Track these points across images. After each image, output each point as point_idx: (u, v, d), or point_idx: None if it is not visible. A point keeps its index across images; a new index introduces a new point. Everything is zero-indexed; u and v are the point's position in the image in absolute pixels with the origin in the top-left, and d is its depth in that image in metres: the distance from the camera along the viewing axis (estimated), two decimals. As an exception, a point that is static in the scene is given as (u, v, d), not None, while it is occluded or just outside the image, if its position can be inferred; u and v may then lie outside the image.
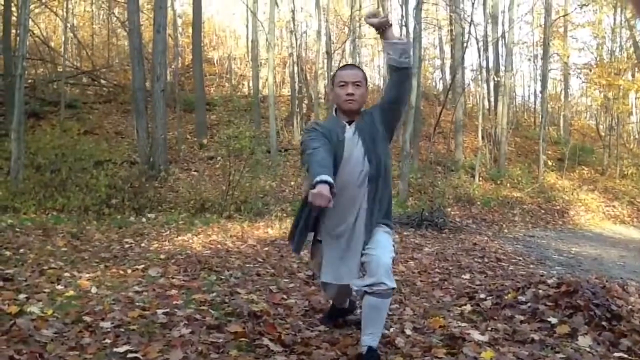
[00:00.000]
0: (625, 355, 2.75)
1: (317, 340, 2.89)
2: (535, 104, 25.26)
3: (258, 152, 10.37)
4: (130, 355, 2.52)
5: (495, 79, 17.33)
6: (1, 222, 7.43)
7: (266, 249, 6.42)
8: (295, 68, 20.07)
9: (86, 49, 21.89)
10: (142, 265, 5.03)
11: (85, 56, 22.05)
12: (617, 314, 3.18)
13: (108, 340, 2.77)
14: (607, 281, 3.62)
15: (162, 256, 5.60)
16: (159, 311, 3.37)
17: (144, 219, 8.82)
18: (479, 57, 17.40)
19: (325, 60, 16.14)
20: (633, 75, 19.28)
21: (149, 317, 3.27)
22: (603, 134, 20.67)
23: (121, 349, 2.62)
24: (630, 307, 3.27)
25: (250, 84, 21.22)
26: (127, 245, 6.24)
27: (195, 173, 12.97)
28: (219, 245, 6.48)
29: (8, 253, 5.28)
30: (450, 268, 5.59)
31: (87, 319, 3.16)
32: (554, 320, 3.22)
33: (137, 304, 3.58)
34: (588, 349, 2.86)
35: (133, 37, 12.42)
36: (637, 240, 10.66)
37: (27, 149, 11.14)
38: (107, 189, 10.29)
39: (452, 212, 11.98)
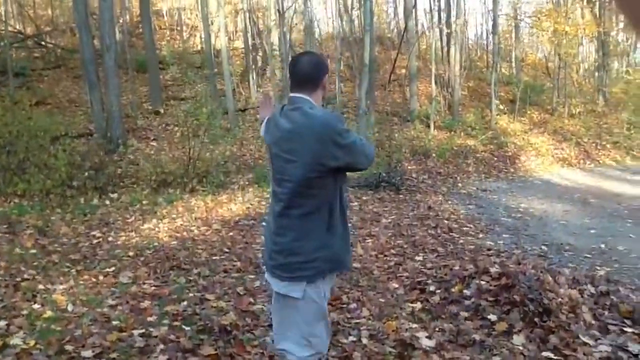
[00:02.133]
0: (552, 355, 3.17)
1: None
2: (487, 44, 25.52)
3: (216, 127, 10.42)
4: (115, 395, 2.80)
5: (446, 30, 17.45)
6: (-38, 218, 7.46)
7: (231, 234, 6.69)
8: (247, 21, 19.77)
9: (27, 10, 20.96)
10: (113, 268, 5.26)
11: (27, 17, 21.17)
12: (548, 308, 3.59)
13: (92, 376, 3.04)
14: (541, 272, 4.02)
15: (130, 253, 5.82)
16: (135, 332, 3.64)
17: (107, 201, 8.93)
18: (430, 2, 17.50)
19: (278, 18, 15.93)
20: (582, 17, 19.70)
21: (127, 339, 3.53)
22: (552, 73, 21.18)
23: (106, 387, 2.89)
24: (559, 299, 3.68)
25: (202, 36, 20.80)
26: (95, 241, 6.41)
27: (154, 143, 12.96)
28: (184, 233, 6.71)
29: (-22, 263, 5.41)
30: (405, 246, 5.98)
31: (69, 347, 3.41)
32: (493, 318, 3.62)
33: (114, 322, 3.84)
34: (521, 348, 3.27)
35: (77, 5, 12.03)
36: (581, 187, 11.30)
37: (-23, 127, 10.90)
38: (67, 167, 10.29)
39: (409, 167, 12.39)
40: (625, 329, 3.42)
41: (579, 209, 8.76)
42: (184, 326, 3.75)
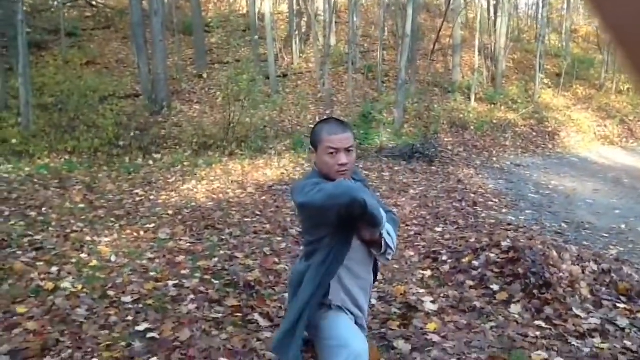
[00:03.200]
0: (544, 324, 3.43)
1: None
2: (537, 14, 24.85)
3: (256, 93, 10.74)
4: (149, 334, 3.22)
5: (493, 1, 17.14)
6: (20, 172, 8.09)
7: (264, 197, 7.07)
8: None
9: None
10: (153, 225, 5.72)
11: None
12: (548, 281, 3.84)
13: (130, 317, 3.47)
14: (547, 247, 4.24)
15: (169, 212, 6.27)
16: (170, 283, 4.07)
17: (150, 161, 9.44)
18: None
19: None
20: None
21: (162, 289, 3.96)
22: (603, 46, 20.59)
23: (141, 327, 3.32)
24: (561, 274, 3.92)
25: (248, 0, 21.00)
26: (138, 199, 6.90)
27: (196, 106, 13.40)
28: (221, 195, 7.13)
29: (33, 214, 5.96)
30: (428, 217, 6.24)
31: (111, 293, 3.86)
32: (496, 288, 3.89)
33: (151, 274, 4.28)
34: (517, 316, 3.55)
35: (128, -29, 12.43)
36: (618, 167, 11.22)
37: (32, 85, 11.51)
38: (114, 127, 10.88)
39: (446, 139, 12.51)
40: (618, 304, 3.64)
41: (609, 189, 8.79)
42: (213, 280, 4.15)
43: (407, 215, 6.31)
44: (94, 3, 20.46)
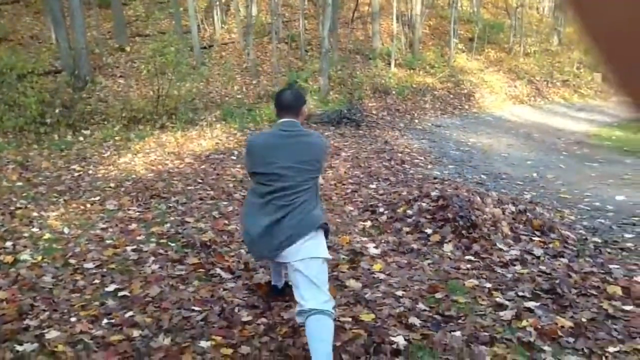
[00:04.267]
0: (473, 258, 3.94)
1: (255, 264, 3.91)
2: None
3: (183, 64, 10.76)
4: (120, 293, 3.45)
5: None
6: (-57, 155, 7.83)
7: (203, 166, 7.27)
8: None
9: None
10: (98, 197, 5.82)
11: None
12: (474, 223, 4.35)
13: (97, 281, 3.68)
14: (472, 194, 4.76)
15: (111, 184, 6.37)
16: (128, 248, 4.27)
17: (80, 137, 9.34)
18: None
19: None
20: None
21: (121, 254, 4.16)
22: (511, 12, 21.71)
23: (111, 288, 3.54)
24: (485, 216, 4.44)
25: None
26: (76, 174, 6.92)
27: (121, 80, 13.17)
28: (159, 166, 7.26)
29: (-30, 194, 5.89)
30: (362, 176, 6.68)
31: (72, 261, 4.03)
32: (429, 231, 4.37)
33: (107, 242, 4.45)
34: (449, 254, 4.04)
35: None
36: (528, 123, 12.15)
37: (-58, 65, 10.98)
38: (38, 105, 10.57)
39: (370, 104, 13.00)
40: (533, 238, 4.21)
41: (521, 143, 9.59)
42: (169, 243, 4.39)
43: (343, 175, 6.71)
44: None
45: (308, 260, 2.47)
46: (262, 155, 2.65)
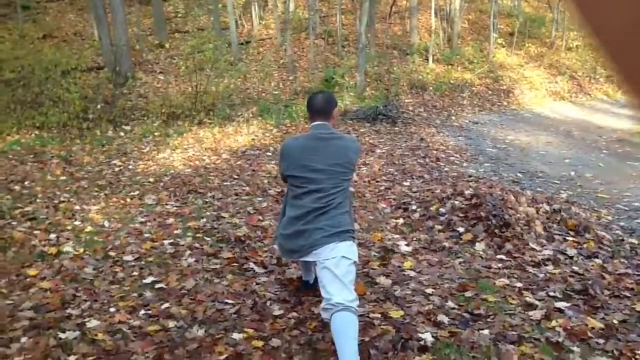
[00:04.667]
0: (505, 257, 3.93)
1: (287, 260, 3.98)
2: (490, -25, 25.27)
3: (221, 60, 10.93)
4: (157, 285, 3.57)
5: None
6: (-8, 149, 8.17)
7: (239, 162, 7.39)
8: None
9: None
10: (137, 192, 6.00)
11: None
12: (507, 222, 4.33)
13: (135, 273, 3.81)
14: (506, 193, 4.73)
15: (150, 179, 6.54)
16: (166, 242, 4.41)
17: (121, 133, 9.60)
18: None
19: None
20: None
21: (159, 247, 4.30)
22: (553, 5, 21.25)
23: (148, 280, 3.67)
24: (518, 215, 4.41)
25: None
26: (116, 169, 7.13)
27: (160, 76, 13.45)
28: (197, 162, 7.42)
29: (17, 187, 6.15)
30: (396, 173, 6.69)
31: (112, 254, 4.18)
32: (461, 230, 4.37)
33: (145, 235, 4.60)
34: (481, 253, 4.03)
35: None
36: (568, 120, 11.90)
37: (-10, 62, 11.44)
38: (80, 100, 10.91)
39: (406, 100, 12.95)
40: (567, 238, 4.17)
41: (560, 141, 9.41)
42: (205, 237, 4.51)
43: (377, 172, 6.74)
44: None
45: (338, 259, 2.53)
46: (297, 158, 2.72)
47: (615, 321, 2.90)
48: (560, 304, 3.12)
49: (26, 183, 6.35)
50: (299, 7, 19.33)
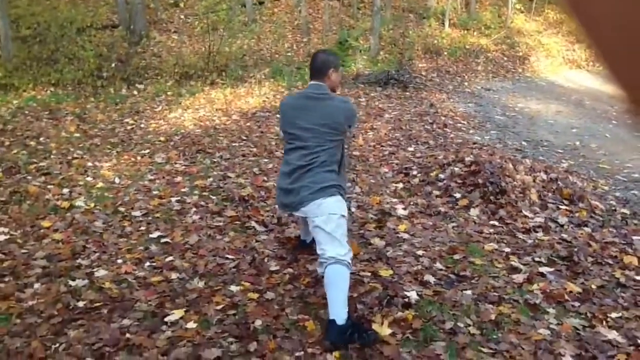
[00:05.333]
0: (497, 223, 4.06)
1: (287, 219, 4.15)
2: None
3: (235, 21, 10.94)
4: (162, 240, 3.76)
5: None
6: (9, 105, 8.37)
7: (248, 124, 7.52)
8: None
9: None
10: (148, 150, 6.18)
11: None
12: (504, 189, 4.44)
13: (143, 228, 4.01)
14: (505, 161, 4.82)
15: (161, 138, 6.71)
16: (173, 199, 4.59)
17: (135, 91, 9.74)
18: None
19: None
20: None
21: (166, 204, 4.49)
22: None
23: (154, 235, 3.86)
24: (515, 183, 4.52)
25: None
26: (129, 127, 7.31)
27: (174, 36, 13.50)
28: (207, 122, 7.56)
29: (32, 143, 6.36)
30: (401, 139, 6.78)
31: (122, 209, 4.38)
32: (458, 195, 4.49)
33: (154, 192, 4.79)
34: (475, 218, 4.17)
35: None
36: (582, 89, 11.82)
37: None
38: (95, 58, 11.05)
39: (420, 65, 12.90)
40: (560, 206, 4.28)
41: (571, 110, 9.40)
42: (211, 196, 4.69)
43: (382, 137, 6.84)
44: None
45: (326, 217, 2.67)
46: (288, 115, 2.85)
47: (593, 286, 3.05)
48: (544, 269, 3.26)
49: (41, 139, 6.55)
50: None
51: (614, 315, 2.73)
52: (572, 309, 2.82)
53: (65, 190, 4.80)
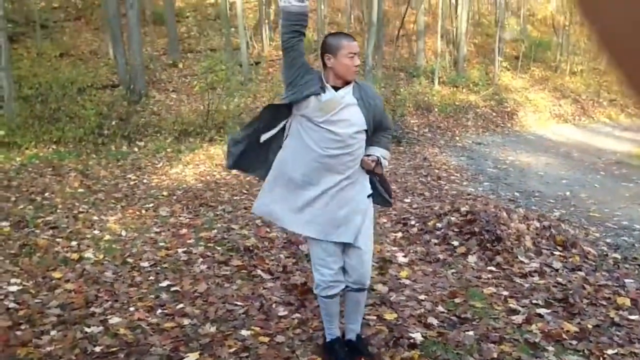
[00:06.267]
0: (494, 269, 4.22)
1: (292, 268, 4.29)
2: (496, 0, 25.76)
3: (233, 81, 11.34)
4: (172, 288, 3.88)
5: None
6: (12, 162, 8.56)
7: (248, 178, 7.70)
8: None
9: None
10: (152, 205, 6.34)
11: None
12: (499, 237, 4.62)
13: (152, 277, 4.13)
14: (499, 210, 5.02)
15: (164, 193, 6.89)
16: (179, 250, 4.73)
17: (135, 148, 9.98)
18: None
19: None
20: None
21: (173, 255, 4.62)
22: (558, 30, 21.63)
23: (164, 284, 3.98)
24: (509, 231, 4.70)
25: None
26: (131, 183, 7.48)
27: (173, 95, 13.89)
28: (208, 177, 7.76)
29: (38, 199, 6.51)
30: (398, 191, 6.99)
31: (130, 260, 4.51)
32: (456, 243, 4.66)
33: (160, 244, 4.93)
34: (473, 264, 4.32)
35: (101, -36, 12.81)
36: (570, 142, 12.20)
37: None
38: (96, 117, 11.34)
39: (412, 121, 13.29)
40: (554, 252, 4.45)
41: (560, 162, 9.71)
42: (216, 247, 4.83)
43: (379, 189, 7.04)
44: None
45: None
46: None
47: (589, 326, 3.19)
48: (541, 310, 3.40)
49: (46, 194, 6.70)
50: (308, 29, 19.74)
51: (610, 352, 2.86)
52: (570, 346, 2.95)
53: (74, 243, 4.92)
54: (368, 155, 2.72)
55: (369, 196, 2.80)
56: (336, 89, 2.65)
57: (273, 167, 2.79)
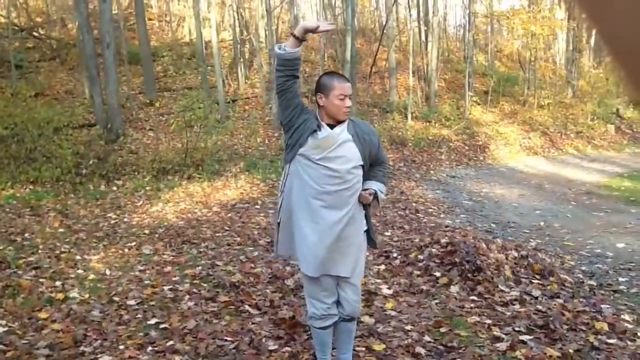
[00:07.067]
0: (477, 298, 4.34)
1: (279, 302, 4.34)
2: (464, 36, 26.62)
3: (211, 119, 11.47)
4: (161, 325, 3.90)
5: (424, 27, 18.55)
6: (-11, 203, 8.48)
7: (229, 215, 7.78)
8: (235, 15, 20.67)
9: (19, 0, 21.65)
10: (134, 243, 6.34)
11: (19, 8, 21.87)
12: (479, 267, 4.76)
13: (140, 315, 4.15)
14: (478, 241, 5.18)
15: (146, 231, 6.90)
16: (165, 287, 4.75)
17: (114, 187, 9.97)
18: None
19: (265, 15, 16.87)
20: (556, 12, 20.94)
21: (159, 293, 4.64)
22: (524, 65, 22.40)
23: (152, 321, 4.00)
24: (489, 261, 4.85)
25: (191, 28, 21.71)
26: (112, 221, 7.48)
27: (150, 133, 13.94)
28: (189, 215, 7.80)
29: (18, 239, 6.46)
30: (377, 224, 7.11)
31: (116, 298, 4.51)
32: (438, 274, 4.78)
33: (146, 282, 4.94)
34: (455, 294, 4.44)
35: (79, 6, 12.94)
36: (540, 174, 12.55)
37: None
38: (73, 156, 11.31)
39: (387, 156, 13.51)
40: (533, 281, 4.60)
41: (532, 193, 9.99)
42: (202, 283, 4.86)
43: (360, 223, 7.16)
44: (36, 34, 20.62)
45: None
46: None
47: (571, 350, 3.31)
48: (524, 337, 3.52)
49: (26, 235, 6.66)
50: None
51: (591, 374, 2.98)
52: (554, 371, 3.06)
53: (58, 283, 4.91)
54: (365, 189, 2.83)
55: (364, 232, 2.91)
56: (331, 126, 2.75)
57: (283, 210, 2.91)
